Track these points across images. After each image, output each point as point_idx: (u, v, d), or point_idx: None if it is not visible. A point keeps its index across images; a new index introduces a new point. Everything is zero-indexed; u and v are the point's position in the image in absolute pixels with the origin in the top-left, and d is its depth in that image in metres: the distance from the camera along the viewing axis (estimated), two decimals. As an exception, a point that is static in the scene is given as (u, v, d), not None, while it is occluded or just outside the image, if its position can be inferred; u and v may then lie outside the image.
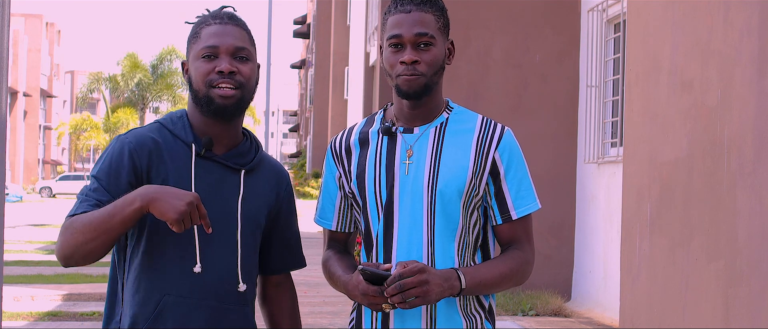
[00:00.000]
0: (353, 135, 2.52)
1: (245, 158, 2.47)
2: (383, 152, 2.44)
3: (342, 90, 28.79)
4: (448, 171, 2.39)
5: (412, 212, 2.39)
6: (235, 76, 2.38)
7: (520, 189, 2.44)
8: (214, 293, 2.38)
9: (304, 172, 42.07)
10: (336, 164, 2.52)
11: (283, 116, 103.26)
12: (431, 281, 2.26)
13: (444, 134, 2.43)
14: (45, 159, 72.04)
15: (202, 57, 2.39)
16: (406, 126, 2.46)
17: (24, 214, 30.65)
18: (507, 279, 2.41)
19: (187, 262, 2.36)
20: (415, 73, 2.38)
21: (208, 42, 2.39)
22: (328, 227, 2.57)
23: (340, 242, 2.57)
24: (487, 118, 2.47)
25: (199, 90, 2.38)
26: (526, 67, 9.72)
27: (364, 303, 2.33)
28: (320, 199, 2.57)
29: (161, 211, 2.17)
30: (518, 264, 2.43)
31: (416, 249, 2.38)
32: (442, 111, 2.47)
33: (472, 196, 2.40)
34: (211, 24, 2.42)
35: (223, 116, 2.39)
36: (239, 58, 2.40)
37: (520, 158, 2.45)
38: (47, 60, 69.22)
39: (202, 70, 2.38)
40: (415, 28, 2.37)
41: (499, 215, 2.44)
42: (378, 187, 2.42)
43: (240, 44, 2.41)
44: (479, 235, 2.46)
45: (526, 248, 2.46)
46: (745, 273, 3.84)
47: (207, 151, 2.41)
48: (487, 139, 2.42)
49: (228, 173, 2.43)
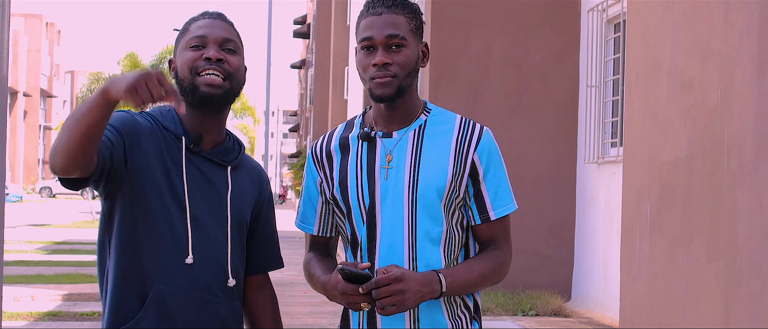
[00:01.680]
0: (334, 140, 2.52)
1: (230, 155, 2.48)
2: (364, 158, 2.44)
3: (342, 90, 28.79)
4: (428, 175, 2.39)
5: (393, 217, 2.39)
6: (223, 65, 2.37)
7: (499, 190, 2.44)
8: (204, 285, 2.39)
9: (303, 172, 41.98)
10: (317, 169, 2.52)
11: (283, 116, 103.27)
12: (407, 289, 2.26)
13: (423, 138, 2.43)
14: (45, 159, 71.95)
15: (190, 47, 2.40)
16: (384, 130, 2.46)
17: (24, 214, 30.65)
18: (486, 278, 2.42)
19: (179, 253, 2.36)
20: (387, 75, 2.38)
21: (196, 33, 2.41)
22: (310, 231, 2.57)
23: (322, 245, 2.58)
24: (465, 118, 2.47)
25: (185, 78, 2.38)
26: (526, 67, 9.72)
27: (342, 303, 2.33)
28: (301, 203, 2.57)
29: (117, 88, 2.06)
30: (496, 263, 2.44)
31: (398, 253, 2.38)
32: (420, 113, 2.47)
33: (452, 197, 2.41)
34: (200, 19, 2.45)
35: (210, 106, 2.38)
36: (227, 50, 2.41)
37: (498, 158, 2.45)
38: (47, 60, 69.22)
39: (188, 57, 2.38)
40: (385, 29, 2.37)
41: (478, 216, 2.44)
42: (361, 193, 2.42)
43: (228, 36, 2.42)
44: (464, 234, 2.47)
45: (504, 247, 2.47)
46: (745, 273, 3.84)
47: (195, 145, 2.41)
48: (466, 140, 2.42)
49: (215, 168, 2.44)
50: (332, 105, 30.13)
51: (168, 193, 2.36)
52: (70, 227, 24.39)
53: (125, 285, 2.34)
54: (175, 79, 2.42)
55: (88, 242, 18.64)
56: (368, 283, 2.25)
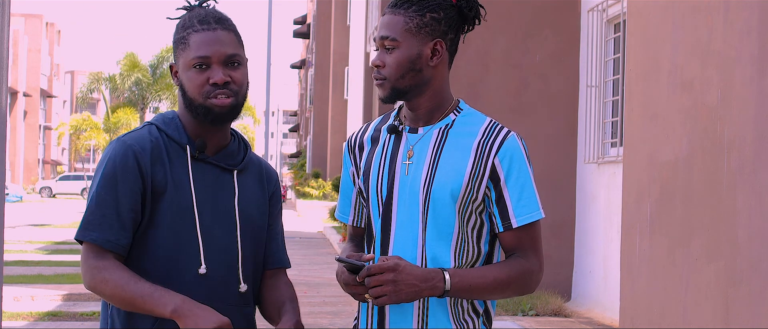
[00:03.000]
0: (368, 132, 2.54)
1: (235, 158, 2.47)
2: (389, 151, 2.45)
3: (342, 90, 28.78)
4: (444, 174, 2.38)
5: (408, 213, 2.39)
6: (230, 86, 2.38)
7: (522, 197, 2.38)
8: (217, 294, 2.38)
9: (304, 172, 42.02)
10: (351, 159, 2.55)
11: (283, 116, 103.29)
12: (400, 280, 2.24)
13: (446, 136, 2.41)
14: (45, 159, 72.06)
15: (194, 67, 2.38)
16: (412, 126, 2.46)
17: (24, 214, 30.66)
18: (503, 285, 2.36)
19: (191, 264, 2.36)
20: (378, 78, 2.41)
21: (198, 52, 2.37)
22: (346, 221, 2.59)
23: (359, 236, 2.58)
24: (494, 121, 2.43)
25: (195, 100, 2.38)
26: (526, 67, 9.72)
27: (347, 292, 2.35)
28: (340, 194, 2.61)
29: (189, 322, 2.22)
30: (518, 272, 2.37)
31: (411, 249, 2.38)
32: (450, 112, 2.45)
33: (468, 200, 2.37)
34: (199, 30, 2.39)
35: (221, 123, 2.41)
36: (231, 65, 2.40)
37: (523, 164, 2.39)
38: (47, 60, 69.25)
39: (196, 82, 2.37)
40: (381, 31, 2.41)
41: (501, 223, 2.39)
42: (380, 185, 2.43)
43: (231, 51, 2.39)
44: (487, 242, 2.43)
45: (530, 257, 2.40)
46: (745, 273, 3.84)
47: (200, 153, 2.41)
48: (488, 143, 2.39)
49: (221, 173, 2.44)
50: (332, 105, 30.11)
51: (177, 205, 2.36)
52: (70, 227, 24.39)
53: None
54: (181, 91, 2.42)
55: (88, 242, 18.59)
56: (362, 271, 2.26)
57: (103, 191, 2.33)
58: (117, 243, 2.32)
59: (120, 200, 2.32)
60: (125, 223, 2.32)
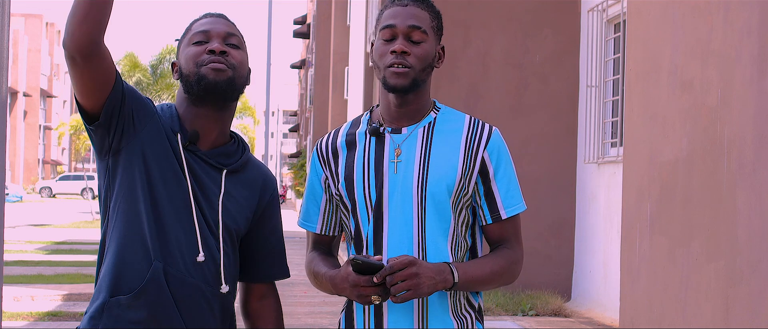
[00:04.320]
0: (340, 137, 2.52)
1: (229, 158, 2.44)
2: (371, 153, 2.44)
3: (342, 90, 28.81)
4: (438, 170, 2.39)
5: (402, 212, 2.39)
6: (227, 57, 2.36)
7: (510, 189, 2.44)
8: (205, 281, 2.35)
9: (303, 172, 42.02)
10: (322, 166, 2.51)
11: (283, 116, 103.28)
12: (422, 273, 2.26)
13: (432, 134, 2.43)
14: (45, 159, 72.05)
15: (193, 43, 2.39)
16: (393, 126, 2.46)
17: (24, 214, 30.66)
18: (497, 276, 2.42)
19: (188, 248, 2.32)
20: (405, 65, 2.37)
21: (199, 29, 2.41)
22: (313, 230, 2.55)
23: (325, 244, 2.56)
24: (474, 118, 2.48)
25: (190, 73, 2.36)
26: (526, 67, 9.72)
27: (352, 296, 2.31)
28: (304, 202, 2.56)
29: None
30: (508, 262, 2.44)
31: (407, 249, 2.38)
32: (430, 111, 2.47)
33: (461, 195, 2.41)
34: (202, 19, 2.45)
35: (214, 94, 2.35)
36: (230, 44, 2.39)
37: (508, 158, 2.46)
38: (47, 60, 69.24)
39: (192, 52, 2.37)
40: (409, 20, 2.39)
41: (489, 215, 2.44)
42: (367, 187, 2.42)
43: (231, 31, 2.41)
44: (470, 234, 2.47)
45: (515, 247, 2.47)
46: (745, 273, 3.84)
47: (191, 144, 2.38)
48: (476, 139, 2.43)
49: (210, 170, 2.40)
50: (332, 105, 30.15)
51: (173, 184, 2.33)
52: (70, 227, 24.39)
53: (128, 256, 2.30)
54: (179, 78, 2.41)
55: (88, 242, 18.64)
56: (382, 270, 2.24)
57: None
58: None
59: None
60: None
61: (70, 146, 70.20)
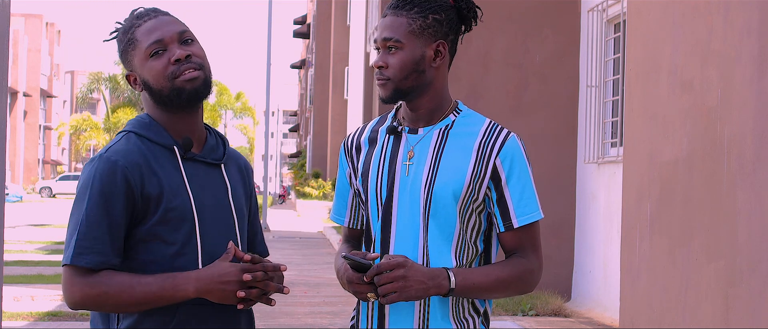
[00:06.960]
0: (365, 133, 2.55)
1: (218, 152, 2.44)
2: (387, 151, 2.46)
3: (342, 90, 28.79)
4: (446, 174, 2.39)
5: (409, 213, 2.39)
6: (192, 59, 2.33)
7: (523, 197, 2.41)
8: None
9: (304, 172, 42.02)
10: (347, 161, 2.55)
11: (283, 116, 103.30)
12: (410, 277, 2.26)
13: (447, 137, 2.43)
14: (45, 159, 72.06)
15: (151, 56, 2.32)
16: (411, 127, 2.47)
17: (24, 214, 30.66)
18: (505, 285, 2.39)
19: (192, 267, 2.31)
20: (382, 78, 2.41)
21: (150, 39, 2.33)
22: (341, 223, 2.60)
23: (355, 238, 2.59)
24: (493, 123, 2.45)
25: (163, 88, 2.31)
26: (526, 67, 9.73)
27: (350, 291, 2.35)
28: (335, 196, 2.61)
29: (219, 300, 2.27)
30: (519, 271, 2.40)
31: (412, 250, 2.38)
32: (449, 113, 2.46)
33: (469, 201, 2.39)
34: (141, 23, 2.36)
35: (196, 101, 2.34)
36: (185, 42, 2.35)
37: (523, 165, 2.42)
38: (47, 60, 69.25)
39: (157, 68, 2.31)
40: (383, 32, 2.41)
41: (502, 223, 2.42)
42: (379, 186, 2.43)
43: (181, 28, 2.36)
44: (483, 240, 2.45)
45: (530, 257, 2.43)
46: (745, 273, 3.84)
47: (188, 151, 2.36)
48: (489, 144, 2.40)
49: (209, 169, 2.40)
50: (332, 105, 30.11)
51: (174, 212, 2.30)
52: (70, 227, 24.34)
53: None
54: (147, 89, 2.35)
55: (88, 242, 18.58)
56: (370, 270, 2.26)
57: (92, 213, 2.24)
58: (109, 264, 2.25)
59: (111, 222, 2.24)
60: (117, 244, 2.25)
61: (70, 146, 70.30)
